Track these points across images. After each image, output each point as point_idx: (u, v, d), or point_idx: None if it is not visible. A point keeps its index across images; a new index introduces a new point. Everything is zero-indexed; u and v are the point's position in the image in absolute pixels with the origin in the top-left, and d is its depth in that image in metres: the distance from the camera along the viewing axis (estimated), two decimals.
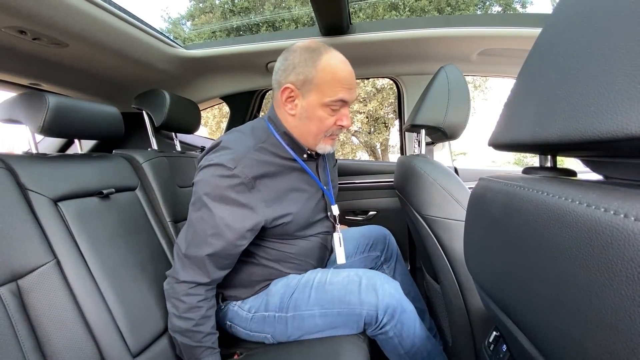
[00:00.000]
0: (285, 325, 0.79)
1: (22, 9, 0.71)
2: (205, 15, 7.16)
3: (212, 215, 0.69)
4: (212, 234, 0.70)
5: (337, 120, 0.75)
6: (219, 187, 0.69)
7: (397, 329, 0.75)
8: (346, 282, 0.78)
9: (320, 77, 0.71)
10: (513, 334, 0.32)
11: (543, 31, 0.30)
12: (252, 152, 0.73)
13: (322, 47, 0.74)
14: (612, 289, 0.17)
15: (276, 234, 0.80)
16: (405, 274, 1.14)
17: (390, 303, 0.74)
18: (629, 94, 0.18)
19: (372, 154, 7.80)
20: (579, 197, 0.21)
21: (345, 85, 0.73)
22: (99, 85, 1.26)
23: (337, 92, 0.72)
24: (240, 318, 0.83)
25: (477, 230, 0.39)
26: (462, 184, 0.76)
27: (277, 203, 0.75)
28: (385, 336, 0.77)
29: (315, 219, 0.86)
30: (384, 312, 0.74)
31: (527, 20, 1.09)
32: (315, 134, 0.76)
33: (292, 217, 0.78)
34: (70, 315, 0.63)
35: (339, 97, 0.72)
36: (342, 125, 0.76)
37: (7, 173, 0.66)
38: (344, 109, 0.76)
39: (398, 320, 0.75)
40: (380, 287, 0.76)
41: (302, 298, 0.79)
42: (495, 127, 0.35)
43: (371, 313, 0.75)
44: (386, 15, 6.03)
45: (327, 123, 0.75)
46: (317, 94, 0.72)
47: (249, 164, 0.71)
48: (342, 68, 0.73)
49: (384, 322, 0.75)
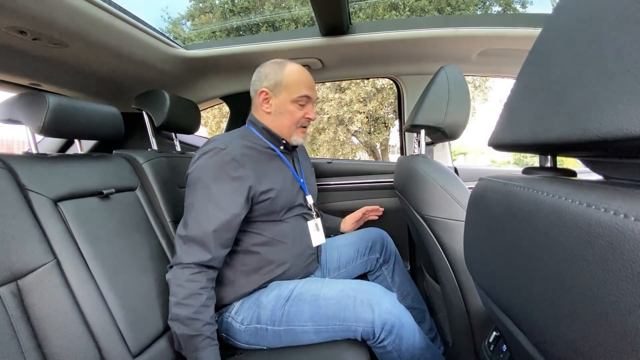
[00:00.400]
0: (279, 339, 0.79)
1: (22, 9, 0.71)
2: (205, 15, 7.16)
3: (211, 192, 0.79)
4: (213, 209, 0.78)
5: (305, 113, 0.93)
6: (214, 167, 0.80)
7: (396, 343, 0.75)
8: (341, 297, 0.78)
9: (287, 80, 0.90)
10: (513, 334, 0.32)
11: (543, 31, 0.30)
12: (237, 139, 0.87)
13: (286, 60, 0.95)
14: (612, 289, 0.17)
15: (262, 214, 0.87)
16: (404, 274, 1.14)
17: (388, 319, 0.74)
18: (629, 94, 0.18)
19: (372, 154, 7.80)
20: (579, 197, 0.21)
21: (307, 85, 0.91)
22: (99, 85, 1.26)
23: (301, 89, 0.90)
24: (234, 330, 0.83)
25: (477, 231, 0.39)
26: (462, 184, 0.76)
27: (263, 178, 0.86)
28: (383, 350, 0.76)
29: (296, 202, 0.95)
30: (380, 329, 0.74)
31: (527, 20, 1.09)
32: (289, 126, 0.93)
33: (277, 193, 0.87)
34: (70, 316, 0.63)
35: (304, 93, 0.90)
36: (309, 117, 0.94)
37: (7, 173, 0.66)
38: (309, 105, 0.94)
39: (397, 335, 0.75)
40: (376, 303, 0.75)
41: (295, 312, 0.78)
42: (495, 127, 0.35)
43: (367, 329, 0.74)
44: (386, 15, 6.03)
45: (296, 116, 0.92)
46: (286, 92, 0.90)
47: (237, 145, 0.85)
48: (303, 72, 0.93)
49: (381, 338, 0.74)
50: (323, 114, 7.02)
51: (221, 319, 0.86)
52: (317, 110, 7.07)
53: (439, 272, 0.78)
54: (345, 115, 6.80)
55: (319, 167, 1.46)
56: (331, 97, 6.74)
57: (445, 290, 0.77)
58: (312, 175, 1.13)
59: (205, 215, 0.77)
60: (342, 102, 6.69)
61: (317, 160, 1.50)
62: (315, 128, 7.16)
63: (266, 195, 0.85)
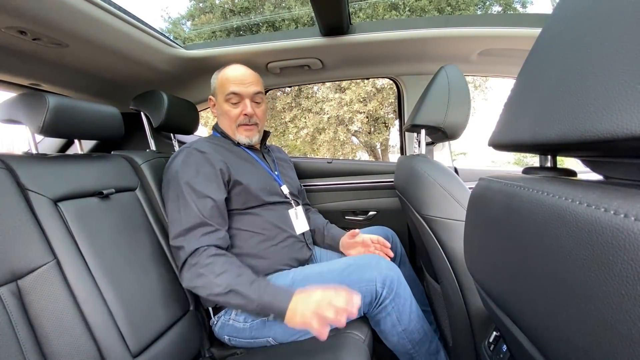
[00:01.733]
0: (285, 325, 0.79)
1: (22, 9, 0.71)
2: (205, 15, 7.16)
3: (191, 187, 0.83)
4: (198, 199, 0.82)
5: (241, 111, 0.96)
6: (187, 164, 0.86)
7: (396, 302, 0.78)
8: (344, 267, 0.82)
9: (218, 83, 0.98)
10: (513, 334, 0.32)
11: (543, 31, 0.30)
12: (203, 140, 0.95)
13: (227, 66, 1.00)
14: (612, 289, 0.17)
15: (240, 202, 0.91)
16: (409, 275, 1.14)
17: (388, 275, 0.79)
18: (629, 94, 0.18)
19: (372, 154, 7.80)
20: (579, 197, 0.21)
21: (234, 82, 0.95)
22: (99, 86, 1.26)
23: (228, 87, 0.95)
24: (238, 330, 0.83)
25: (477, 230, 0.39)
26: (462, 184, 0.75)
27: (232, 167, 0.91)
28: (384, 313, 0.79)
29: (272, 191, 0.97)
30: (382, 284, 0.77)
31: (527, 20, 1.09)
32: (229, 126, 0.99)
33: (248, 180, 0.91)
34: (70, 316, 0.63)
35: (230, 90, 0.95)
36: (245, 113, 0.96)
37: (7, 173, 0.66)
38: (244, 101, 0.97)
39: (396, 294, 0.78)
40: (376, 265, 0.81)
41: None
42: (495, 127, 0.35)
43: (370, 288, 0.77)
44: (386, 15, 6.03)
45: (232, 115, 0.97)
46: (219, 94, 0.98)
47: (202, 142, 0.93)
48: (232, 70, 0.97)
49: (383, 296, 0.77)
50: (323, 114, 7.02)
51: (221, 322, 0.86)
52: (317, 110, 7.10)
53: (439, 272, 0.78)
54: (345, 115, 6.80)
55: (319, 167, 1.46)
56: (331, 97, 6.74)
57: (445, 290, 0.77)
58: (290, 170, 1.18)
59: (191, 207, 0.82)
60: (342, 102, 6.69)
61: (317, 160, 1.50)
62: (315, 128, 7.16)
63: (239, 181, 0.89)
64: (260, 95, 0.99)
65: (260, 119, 1.01)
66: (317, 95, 7.19)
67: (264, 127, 1.07)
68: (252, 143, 1.01)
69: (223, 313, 0.86)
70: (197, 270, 0.76)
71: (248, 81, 0.96)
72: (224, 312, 0.86)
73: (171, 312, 0.83)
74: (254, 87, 0.97)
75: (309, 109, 7.13)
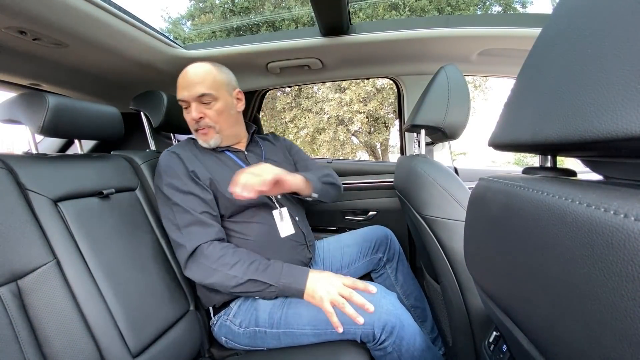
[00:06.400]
0: (279, 341, 0.79)
1: (22, 9, 0.71)
2: (205, 15, 7.16)
3: (177, 188, 0.84)
4: (185, 198, 0.83)
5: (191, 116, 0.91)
6: (169, 167, 0.87)
7: (396, 344, 0.73)
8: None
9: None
10: (513, 334, 0.32)
11: (543, 31, 0.30)
12: (178, 146, 0.94)
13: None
14: (612, 288, 0.17)
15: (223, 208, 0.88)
16: (407, 273, 1.14)
17: (389, 320, 0.72)
18: (629, 94, 0.18)
19: (372, 154, 7.81)
20: (579, 197, 0.21)
21: (180, 87, 0.89)
22: (99, 86, 1.26)
23: (178, 93, 0.90)
24: (234, 333, 0.83)
25: (477, 231, 0.39)
26: (462, 184, 0.75)
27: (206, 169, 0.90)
28: (383, 352, 0.74)
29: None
30: (381, 330, 0.72)
31: (527, 20, 1.09)
32: (192, 131, 0.96)
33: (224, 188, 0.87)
34: (70, 316, 0.63)
35: (178, 98, 0.90)
36: (192, 118, 0.90)
37: (7, 173, 0.66)
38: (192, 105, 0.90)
39: (397, 336, 0.73)
40: (376, 304, 0.73)
41: (293, 315, 0.77)
42: (495, 127, 0.35)
43: (367, 332, 0.73)
44: (386, 15, 6.03)
45: (188, 119, 0.92)
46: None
47: (177, 146, 0.93)
48: (183, 75, 0.90)
49: (382, 340, 0.73)
50: (323, 114, 7.03)
51: (220, 322, 0.86)
52: (317, 110, 7.10)
53: (439, 272, 0.78)
54: (345, 115, 6.80)
55: None
56: (331, 97, 6.75)
57: (445, 290, 0.77)
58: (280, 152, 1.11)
59: (182, 207, 0.82)
60: (342, 102, 6.69)
61: (317, 160, 1.50)
62: (315, 128, 7.16)
63: (216, 187, 0.88)
64: (208, 95, 0.88)
65: (215, 119, 0.91)
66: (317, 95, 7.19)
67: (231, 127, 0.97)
68: (212, 146, 0.94)
69: (222, 313, 0.86)
70: (209, 267, 0.77)
71: (193, 83, 0.87)
72: (223, 312, 0.86)
73: (171, 312, 0.83)
74: (199, 88, 0.87)
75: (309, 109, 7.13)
